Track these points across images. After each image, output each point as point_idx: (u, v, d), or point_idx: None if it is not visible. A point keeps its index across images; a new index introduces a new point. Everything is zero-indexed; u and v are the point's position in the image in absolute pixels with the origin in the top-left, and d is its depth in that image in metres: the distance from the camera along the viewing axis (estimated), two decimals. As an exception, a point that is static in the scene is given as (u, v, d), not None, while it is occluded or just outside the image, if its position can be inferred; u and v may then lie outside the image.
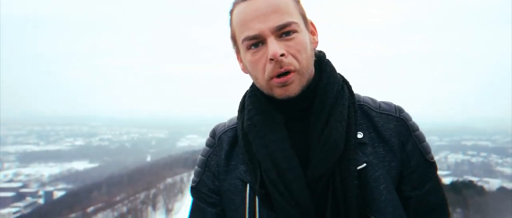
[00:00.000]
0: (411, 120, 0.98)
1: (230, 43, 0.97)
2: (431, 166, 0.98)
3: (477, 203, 34.34)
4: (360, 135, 0.92)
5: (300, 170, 0.87)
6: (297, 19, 0.88)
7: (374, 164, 0.90)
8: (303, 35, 0.88)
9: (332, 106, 0.91)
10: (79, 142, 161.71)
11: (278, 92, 0.89)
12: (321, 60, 0.97)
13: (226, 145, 1.01)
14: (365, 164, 0.89)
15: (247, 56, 0.90)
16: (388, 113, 0.97)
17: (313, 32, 0.95)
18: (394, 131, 0.95)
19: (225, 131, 1.03)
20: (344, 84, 0.98)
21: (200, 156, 1.06)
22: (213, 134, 1.05)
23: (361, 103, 0.98)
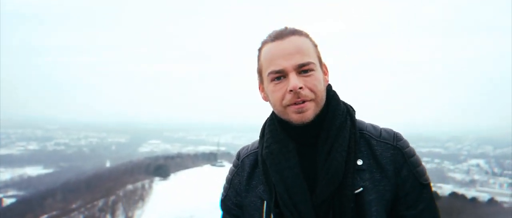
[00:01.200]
0: (407, 148, 1.12)
1: (255, 76, 1.19)
2: (425, 188, 1.12)
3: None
4: (359, 162, 1.07)
5: (308, 194, 1.05)
6: (315, 60, 1.08)
7: (369, 188, 1.06)
8: (318, 73, 1.08)
9: (334, 138, 1.07)
10: (33, 146, 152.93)
11: (295, 118, 1.07)
12: (328, 94, 1.14)
13: (247, 167, 1.21)
14: (361, 188, 1.05)
15: (270, 86, 1.09)
16: (387, 141, 1.11)
17: (325, 72, 1.15)
18: (391, 159, 1.09)
19: (248, 155, 1.24)
20: (347, 115, 1.14)
21: (227, 174, 1.29)
22: (238, 156, 1.28)
23: (364, 132, 1.14)
